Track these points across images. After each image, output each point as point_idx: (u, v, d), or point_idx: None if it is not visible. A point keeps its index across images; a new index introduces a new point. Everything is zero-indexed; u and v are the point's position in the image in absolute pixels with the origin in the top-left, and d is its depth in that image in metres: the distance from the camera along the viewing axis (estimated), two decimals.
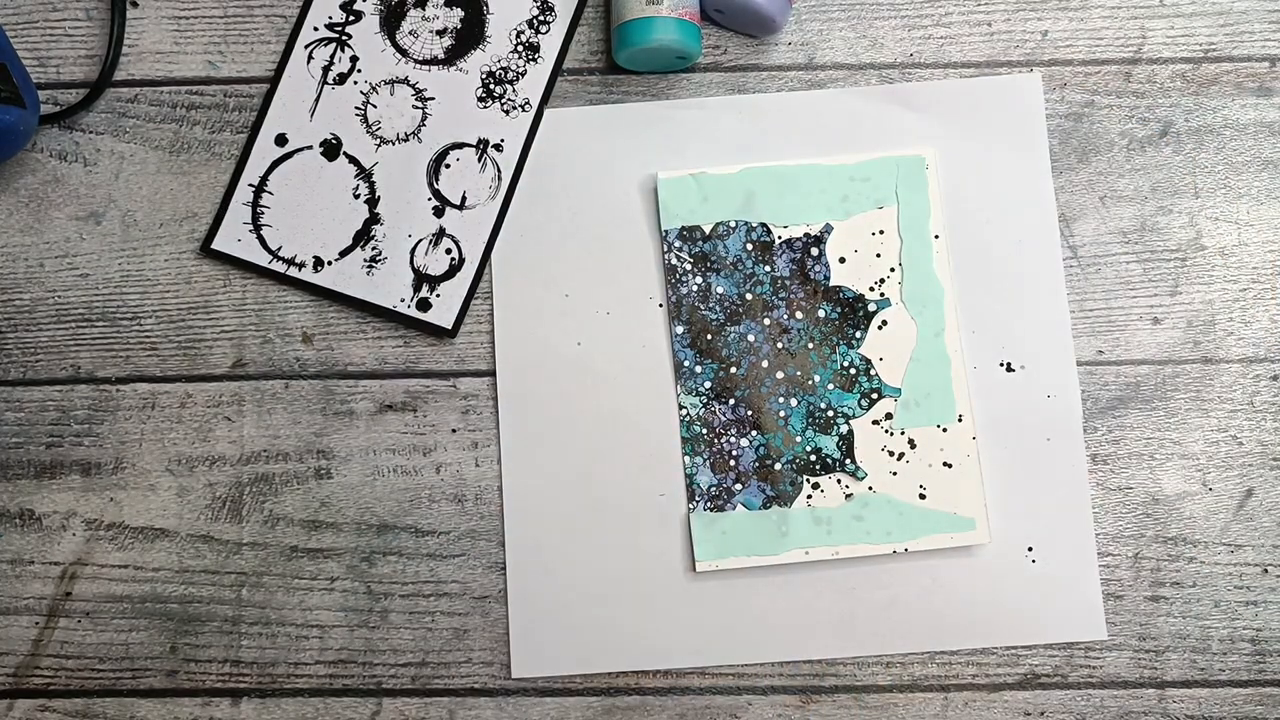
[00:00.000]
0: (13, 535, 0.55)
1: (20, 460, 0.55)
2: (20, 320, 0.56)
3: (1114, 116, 0.56)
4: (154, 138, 0.57)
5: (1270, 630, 0.52)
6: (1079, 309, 0.55)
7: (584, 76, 0.58)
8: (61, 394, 0.56)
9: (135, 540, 0.54)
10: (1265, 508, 0.53)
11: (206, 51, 0.58)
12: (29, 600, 0.54)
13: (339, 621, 0.54)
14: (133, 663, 0.53)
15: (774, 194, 0.55)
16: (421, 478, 0.55)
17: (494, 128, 0.57)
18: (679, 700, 0.52)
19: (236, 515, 0.54)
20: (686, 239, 0.55)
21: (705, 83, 0.57)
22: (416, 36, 0.58)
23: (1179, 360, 0.54)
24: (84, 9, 0.59)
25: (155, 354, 0.56)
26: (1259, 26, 0.57)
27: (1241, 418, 0.54)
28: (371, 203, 0.56)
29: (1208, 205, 0.56)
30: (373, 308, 0.55)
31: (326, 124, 0.57)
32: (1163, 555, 0.53)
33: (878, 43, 0.57)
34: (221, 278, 0.56)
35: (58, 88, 0.58)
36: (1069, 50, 0.57)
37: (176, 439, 0.55)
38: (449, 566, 0.54)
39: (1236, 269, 0.55)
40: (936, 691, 0.52)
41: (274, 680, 0.53)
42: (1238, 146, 0.56)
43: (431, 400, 0.55)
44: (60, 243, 0.57)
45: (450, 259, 0.56)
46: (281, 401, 0.55)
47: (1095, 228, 0.55)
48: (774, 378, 0.54)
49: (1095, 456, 0.54)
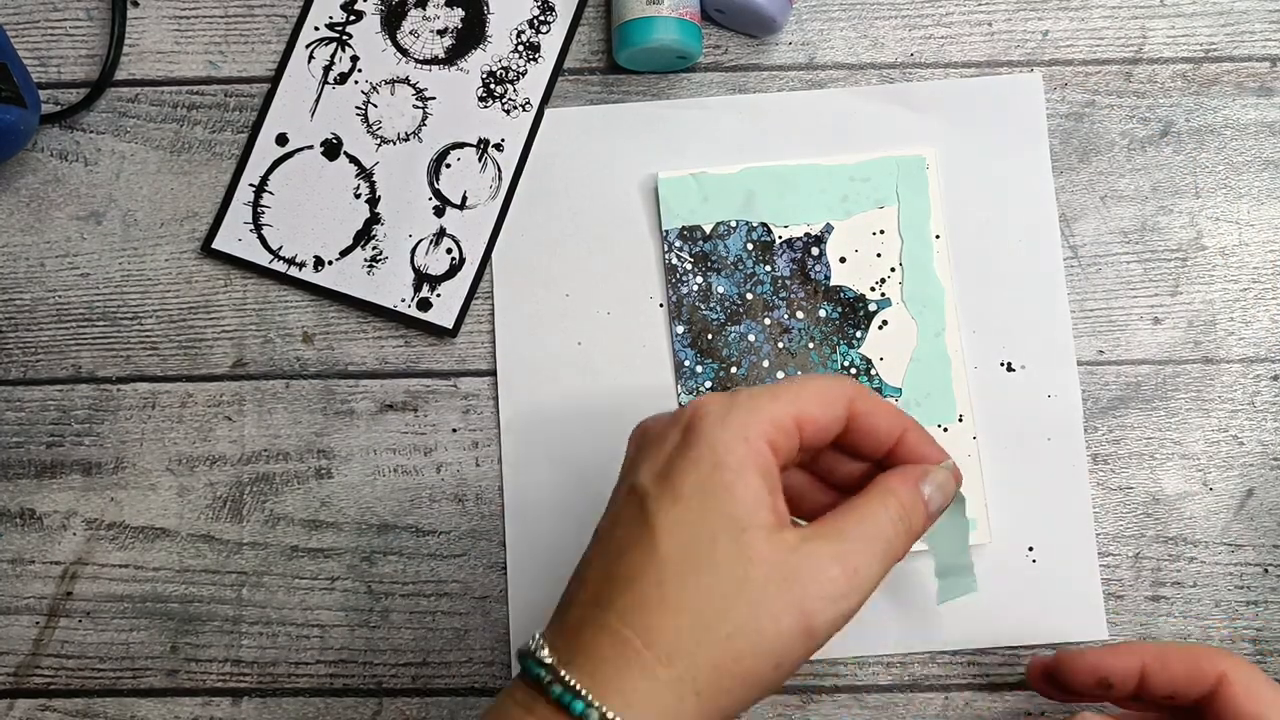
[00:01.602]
0: (13, 535, 0.55)
1: (21, 460, 0.55)
2: (21, 320, 0.56)
3: (1115, 116, 0.56)
4: (155, 137, 0.57)
5: (1271, 630, 0.52)
6: (1079, 309, 0.55)
7: (584, 76, 0.58)
8: (62, 393, 0.56)
9: (136, 540, 0.54)
10: (1266, 508, 0.53)
11: (207, 51, 0.58)
12: (29, 600, 0.54)
13: (339, 621, 0.54)
14: (133, 662, 0.53)
15: (774, 194, 0.55)
16: (422, 477, 0.55)
17: (494, 127, 0.57)
18: None
19: (237, 515, 0.54)
20: (687, 239, 0.55)
21: (705, 82, 0.57)
22: (417, 36, 0.58)
23: (1179, 360, 0.54)
24: (85, 9, 0.59)
25: (156, 353, 0.56)
26: (1260, 26, 0.57)
27: (1242, 418, 0.54)
28: (372, 202, 0.56)
29: (1208, 205, 0.56)
30: (373, 307, 0.55)
31: (327, 124, 0.57)
32: (1163, 555, 0.53)
33: (878, 42, 0.57)
34: (222, 277, 0.56)
35: (58, 87, 0.58)
36: (1070, 50, 0.57)
37: (177, 438, 0.55)
38: (450, 566, 0.54)
39: (1237, 269, 0.55)
40: (937, 691, 0.52)
41: (274, 680, 0.53)
42: (1238, 146, 0.56)
43: (432, 400, 0.55)
44: (61, 242, 0.57)
45: (451, 259, 0.56)
46: (282, 401, 0.55)
47: (1096, 227, 0.55)
48: (774, 377, 0.54)
49: (1096, 456, 0.54)
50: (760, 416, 0.38)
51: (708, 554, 0.36)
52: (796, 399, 0.39)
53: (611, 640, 0.36)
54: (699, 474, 0.37)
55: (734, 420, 0.37)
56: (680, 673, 0.35)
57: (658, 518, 0.37)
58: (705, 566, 0.36)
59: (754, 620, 0.35)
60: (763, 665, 0.36)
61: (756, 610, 0.36)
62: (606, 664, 0.35)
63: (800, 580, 0.36)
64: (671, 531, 0.36)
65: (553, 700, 0.35)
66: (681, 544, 0.36)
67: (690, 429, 0.38)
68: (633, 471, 0.39)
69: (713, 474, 0.37)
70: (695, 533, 0.36)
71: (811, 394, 0.39)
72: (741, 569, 0.36)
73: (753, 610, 0.36)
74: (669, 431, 0.39)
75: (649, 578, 0.36)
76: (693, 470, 0.37)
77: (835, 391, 0.40)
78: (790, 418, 0.38)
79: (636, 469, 0.39)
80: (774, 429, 0.38)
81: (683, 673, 0.35)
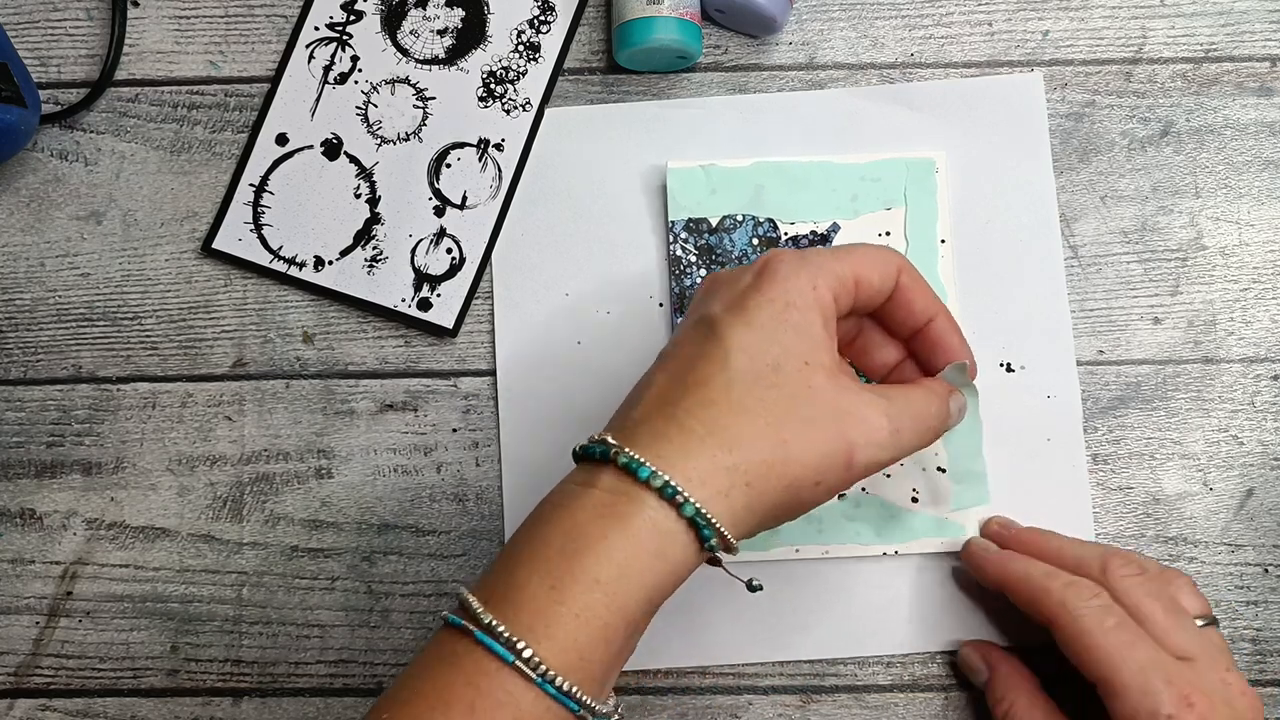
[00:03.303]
0: (13, 535, 0.55)
1: (21, 460, 0.55)
2: (21, 320, 0.56)
3: (1115, 116, 0.56)
4: (155, 137, 0.57)
5: (1271, 630, 0.52)
6: (1079, 309, 0.55)
7: (585, 76, 0.58)
8: (62, 393, 0.56)
9: (136, 540, 0.54)
10: (1266, 508, 0.53)
11: (207, 51, 0.58)
12: (30, 600, 0.54)
13: (340, 621, 0.54)
14: (133, 662, 0.53)
15: (784, 190, 0.55)
16: (422, 477, 0.55)
17: (495, 127, 0.57)
18: (679, 699, 0.52)
19: (237, 515, 0.54)
20: (692, 231, 0.55)
21: (706, 82, 0.57)
22: (417, 36, 0.58)
23: (1180, 360, 0.54)
24: (85, 9, 0.59)
25: (156, 353, 0.56)
26: (1260, 26, 0.57)
27: (1242, 418, 0.54)
28: (372, 202, 0.56)
29: (1208, 205, 0.56)
30: (373, 307, 0.55)
31: (327, 123, 0.57)
32: (1163, 555, 0.53)
33: (878, 42, 0.57)
34: (222, 277, 0.56)
35: (58, 87, 0.58)
36: (1070, 50, 0.57)
37: (177, 438, 0.55)
38: (450, 566, 0.54)
39: (1237, 269, 0.55)
40: (936, 691, 0.52)
41: (275, 680, 0.53)
42: (1238, 146, 0.56)
43: (432, 400, 0.55)
44: (61, 242, 0.57)
45: (451, 259, 0.56)
46: (282, 401, 0.55)
47: (1096, 227, 0.55)
48: None
49: (1095, 456, 0.54)
50: (827, 270, 0.42)
51: (775, 375, 0.40)
52: (858, 261, 0.43)
53: (678, 429, 0.39)
54: (772, 310, 0.41)
55: (805, 270, 0.42)
56: (737, 461, 0.39)
57: (729, 338, 0.40)
58: (772, 385, 0.40)
59: (807, 434, 0.39)
60: (806, 475, 0.40)
61: (810, 427, 0.40)
62: (669, 445, 0.39)
63: (851, 418, 0.40)
64: (743, 349, 0.40)
65: (619, 467, 0.39)
66: (750, 360, 0.40)
67: (763, 273, 0.42)
68: (702, 306, 0.43)
69: (785, 311, 0.41)
70: (764, 355, 0.40)
71: (870, 258, 0.43)
72: (804, 393, 0.40)
73: (807, 426, 0.40)
74: (742, 275, 0.42)
75: (717, 383, 0.40)
76: (767, 306, 0.41)
77: (889, 260, 0.44)
78: (851, 276, 0.43)
79: (707, 303, 0.42)
80: (837, 282, 0.42)
81: (739, 461, 0.39)
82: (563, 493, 0.40)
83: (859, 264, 0.43)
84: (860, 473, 0.41)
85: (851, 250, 0.43)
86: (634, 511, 0.38)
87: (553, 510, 0.40)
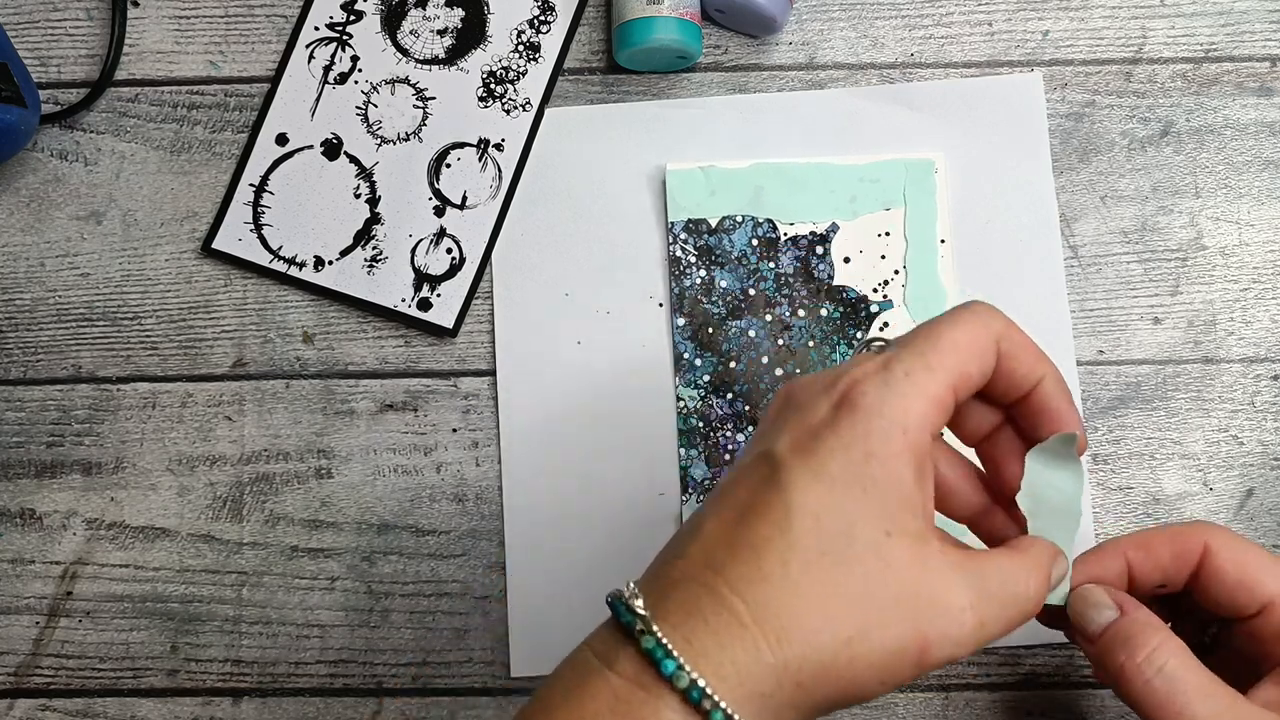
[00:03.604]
0: (13, 535, 0.55)
1: (21, 460, 0.55)
2: (21, 320, 0.56)
3: (1115, 116, 0.56)
4: (155, 137, 0.57)
5: None
6: (1079, 309, 0.55)
7: (585, 76, 0.58)
8: (62, 393, 0.56)
9: (136, 540, 0.54)
10: (1266, 508, 0.53)
11: (207, 51, 0.58)
12: (30, 600, 0.54)
13: (339, 621, 0.54)
14: (133, 662, 0.53)
15: (783, 191, 0.55)
16: (422, 477, 0.55)
17: (495, 127, 0.57)
18: None
19: (237, 515, 0.54)
20: (692, 231, 0.55)
21: (706, 82, 0.57)
22: (417, 36, 0.58)
23: (1180, 360, 0.54)
24: (85, 9, 0.59)
25: (156, 353, 0.56)
26: (1260, 26, 0.57)
27: (1242, 418, 0.54)
28: (372, 202, 0.56)
29: (1208, 205, 0.56)
30: (373, 307, 0.55)
31: (327, 123, 0.57)
32: None
33: (878, 42, 0.57)
34: (222, 277, 0.56)
35: (58, 87, 0.58)
36: (1070, 50, 0.57)
37: (177, 438, 0.55)
38: (450, 566, 0.54)
39: (1237, 269, 0.55)
40: (936, 691, 0.52)
41: (275, 680, 0.53)
42: (1238, 146, 0.56)
43: (432, 400, 0.55)
44: (61, 242, 0.57)
45: (451, 259, 0.56)
46: (282, 401, 0.55)
47: (1096, 227, 0.55)
48: (773, 374, 0.54)
49: (1096, 456, 0.54)
50: (921, 401, 0.34)
51: (845, 548, 0.33)
52: (956, 365, 0.35)
53: (716, 605, 0.33)
54: (849, 460, 0.34)
55: (893, 405, 0.34)
56: (789, 658, 0.33)
57: (794, 493, 0.34)
58: (840, 560, 0.33)
59: (878, 630, 0.33)
60: (871, 677, 0.33)
61: (883, 620, 0.33)
62: (705, 628, 0.33)
63: (932, 608, 0.34)
64: (809, 511, 0.33)
65: (642, 652, 0.33)
66: (818, 528, 0.33)
67: (843, 406, 0.34)
68: (770, 436, 0.35)
69: (865, 464, 0.33)
70: (835, 521, 0.33)
71: (967, 345, 0.35)
72: (878, 575, 0.33)
73: (879, 620, 0.33)
74: (818, 401, 0.35)
75: (773, 553, 0.33)
76: (842, 454, 0.34)
77: (986, 338, 0.36)
78: (950, 390, 0.35)
79: (775, 435, 0.35)
80: (935, 410, 0.35)
81: (790, 658, 0.33)
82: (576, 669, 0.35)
83: (959, 366, 0.35)
84: (930, 669, 0.34)
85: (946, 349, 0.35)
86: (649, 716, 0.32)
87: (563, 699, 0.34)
